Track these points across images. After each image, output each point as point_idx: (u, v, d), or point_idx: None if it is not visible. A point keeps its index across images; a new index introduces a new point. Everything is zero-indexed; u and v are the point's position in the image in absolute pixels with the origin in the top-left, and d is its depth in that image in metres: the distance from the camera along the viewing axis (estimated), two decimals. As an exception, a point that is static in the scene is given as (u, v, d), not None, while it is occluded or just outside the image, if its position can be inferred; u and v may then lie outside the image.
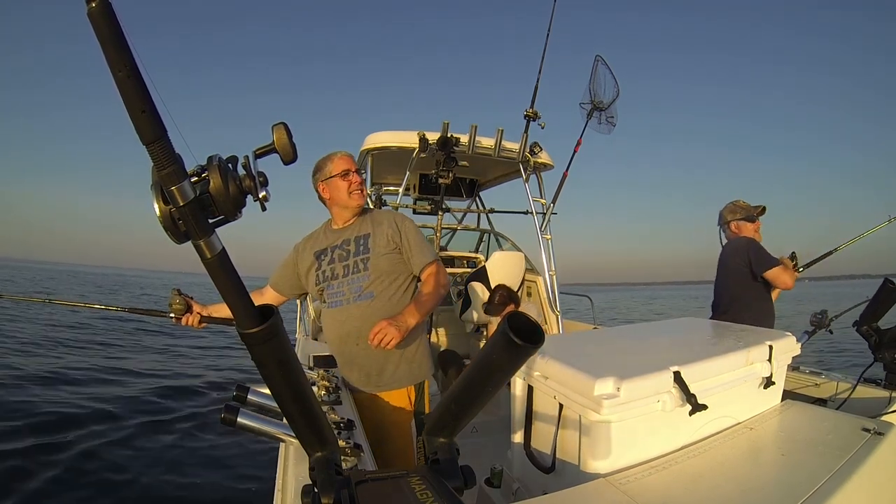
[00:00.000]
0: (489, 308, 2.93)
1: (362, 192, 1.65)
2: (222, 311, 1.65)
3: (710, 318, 2.37)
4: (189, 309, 1.63)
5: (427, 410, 1.68)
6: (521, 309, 2.96)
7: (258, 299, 0.52)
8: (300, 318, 3.41)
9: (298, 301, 2.03)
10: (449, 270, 3.91)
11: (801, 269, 2.48)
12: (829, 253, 2.53)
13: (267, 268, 1.83)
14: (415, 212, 3.68)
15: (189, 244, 0.48)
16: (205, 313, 1.64)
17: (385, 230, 1.62)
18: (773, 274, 2.24)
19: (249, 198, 0.52)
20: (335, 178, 1.62)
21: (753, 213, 2.41)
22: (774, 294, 2.39)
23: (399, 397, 1.62)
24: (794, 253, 2.51)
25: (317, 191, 1.70)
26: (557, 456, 1.15)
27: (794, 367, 2.35)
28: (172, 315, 1.63)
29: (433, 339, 3.55)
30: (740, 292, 2.32)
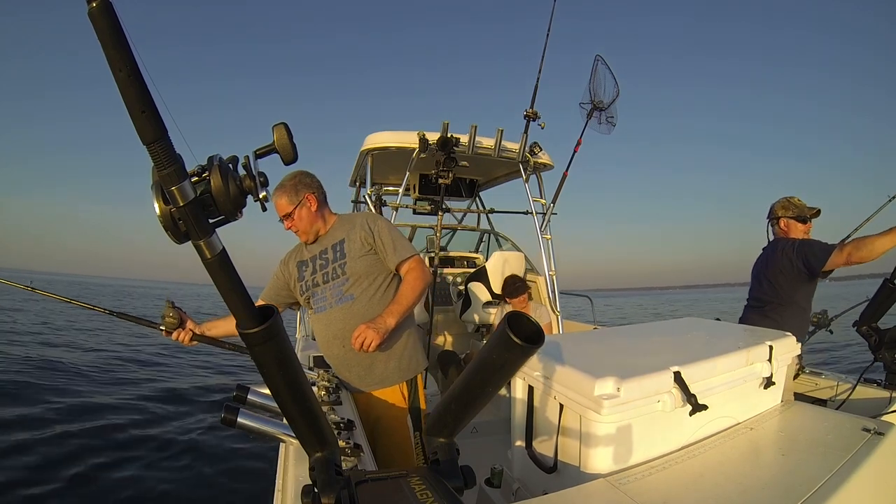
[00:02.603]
0: (507, 291, 3.00)
1: (300, 230, 1.66)
2: (215, 329, 1.65)
3: (744, 315, 2.29)
4: (182, 324, 1.60)
5: (422, 405, 1.69)
6: (532, 312, 2.97)
7: None
8: (300, 318, 3.41)
9: None
10: (449, 270, 3.90)
11: None
12: (842, 241, 2.42)
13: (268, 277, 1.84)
14: (415, 212, 3.67)
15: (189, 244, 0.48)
16: (198, 331, 1.62)
17: (358, 233, 1.64)
18: (835, 263, 1.99)
19: (250, 198, 0.52)
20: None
21: (807, 214, 2.23)
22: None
23: (392, 394, 1.64)
24: None
25: None
26: (558, 456, 1.15)
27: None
28: (163, 328, 1.58)
29: (434, 339, 3.54)
30: (787, 292, 2.16)
